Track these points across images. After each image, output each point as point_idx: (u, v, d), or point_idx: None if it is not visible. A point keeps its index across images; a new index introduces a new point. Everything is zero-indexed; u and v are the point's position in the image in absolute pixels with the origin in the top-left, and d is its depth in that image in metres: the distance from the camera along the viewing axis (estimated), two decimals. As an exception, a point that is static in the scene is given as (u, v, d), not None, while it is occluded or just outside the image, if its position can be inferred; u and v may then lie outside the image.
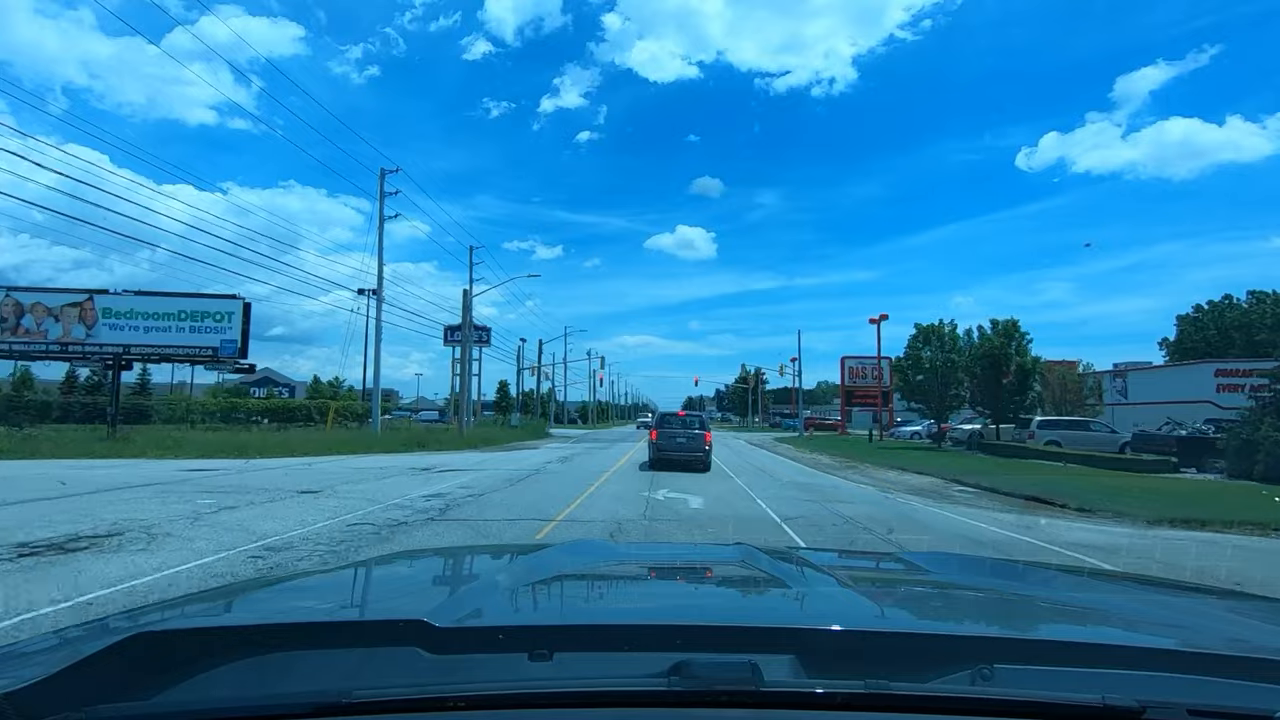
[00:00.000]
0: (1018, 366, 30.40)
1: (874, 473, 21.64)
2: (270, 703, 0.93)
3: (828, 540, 9.22)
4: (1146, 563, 8.09)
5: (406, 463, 20.87)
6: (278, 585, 1.97)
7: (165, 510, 9.74)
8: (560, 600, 1.68)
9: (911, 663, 1.03)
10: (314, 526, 8.93)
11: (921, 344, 34.32)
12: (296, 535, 8.29)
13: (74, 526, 8.25)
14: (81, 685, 0.93)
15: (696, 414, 23.52)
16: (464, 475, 17.09)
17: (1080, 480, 17.72)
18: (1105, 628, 1.46)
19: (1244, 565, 7.81)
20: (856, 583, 1.79)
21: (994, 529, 10.60)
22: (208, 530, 8.36)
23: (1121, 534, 10.34)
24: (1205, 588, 2.20)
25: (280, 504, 10.87)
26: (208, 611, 1.54)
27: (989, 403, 31.51)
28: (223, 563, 6.71)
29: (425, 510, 10.78)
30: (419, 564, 2.34)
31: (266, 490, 12.50)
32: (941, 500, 14.59)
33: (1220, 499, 14.50)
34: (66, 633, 1.30)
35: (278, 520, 9.27)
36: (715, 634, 1.15)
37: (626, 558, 2.39)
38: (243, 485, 13.21)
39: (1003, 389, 30.85)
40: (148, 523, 8.67)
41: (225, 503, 10.68)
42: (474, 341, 56.59)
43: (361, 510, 10.48)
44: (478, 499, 12.38)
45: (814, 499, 14.01)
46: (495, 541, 8.50)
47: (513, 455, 26.39)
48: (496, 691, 0.96)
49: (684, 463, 19.29)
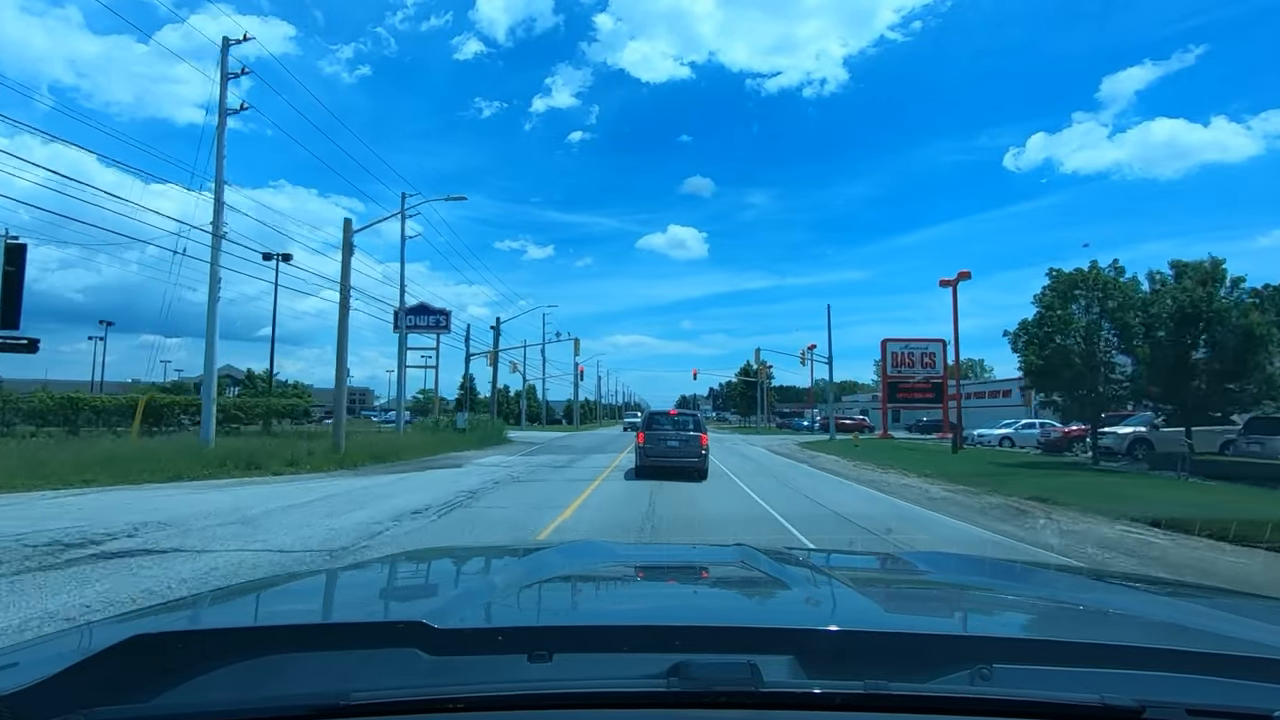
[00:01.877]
0: (1237, 330, 18.53)
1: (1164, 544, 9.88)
2: (268, 705, 0.93)
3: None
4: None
5: (98, 518, 9.02)
6: (276, 587, 1.96)
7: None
8: (559, 601, 1.67)
9: (911, 663, 1.03)
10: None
11: (1058, 303, 21.38)
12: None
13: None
14: (80, 687, 0.92)
15: (690, 413, 20.01)
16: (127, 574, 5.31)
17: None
18: (1104, 627, 1.47)
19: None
20: (855, 583, 1.78)
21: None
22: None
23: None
24: (1205, 587, 2.17)
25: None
26: (206, 614, 1.56)
27: (1172, 388, 19.72)
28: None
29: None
30: (418, 565, 2.32)
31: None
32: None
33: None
34: (65, 635, 1.36)
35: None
36: (714, 635, 1.15)
37: (625, 559, 2.33)
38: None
39: (1197, 368, 19.21)
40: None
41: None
42: (428, 327, 46.10)
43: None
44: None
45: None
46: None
47: (387, 487, 14.56)
48: (496, 693, 0.96)
49: (676, 469, 16.83)
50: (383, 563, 2.60)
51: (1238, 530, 9.26)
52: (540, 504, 12.27)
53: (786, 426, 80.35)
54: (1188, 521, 9.94)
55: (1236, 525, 9.36)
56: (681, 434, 17.50)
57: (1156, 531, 9.94)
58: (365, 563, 2.51)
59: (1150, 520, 10.45)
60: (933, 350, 44.93)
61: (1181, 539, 9.44)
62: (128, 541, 7.86)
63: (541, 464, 22.00)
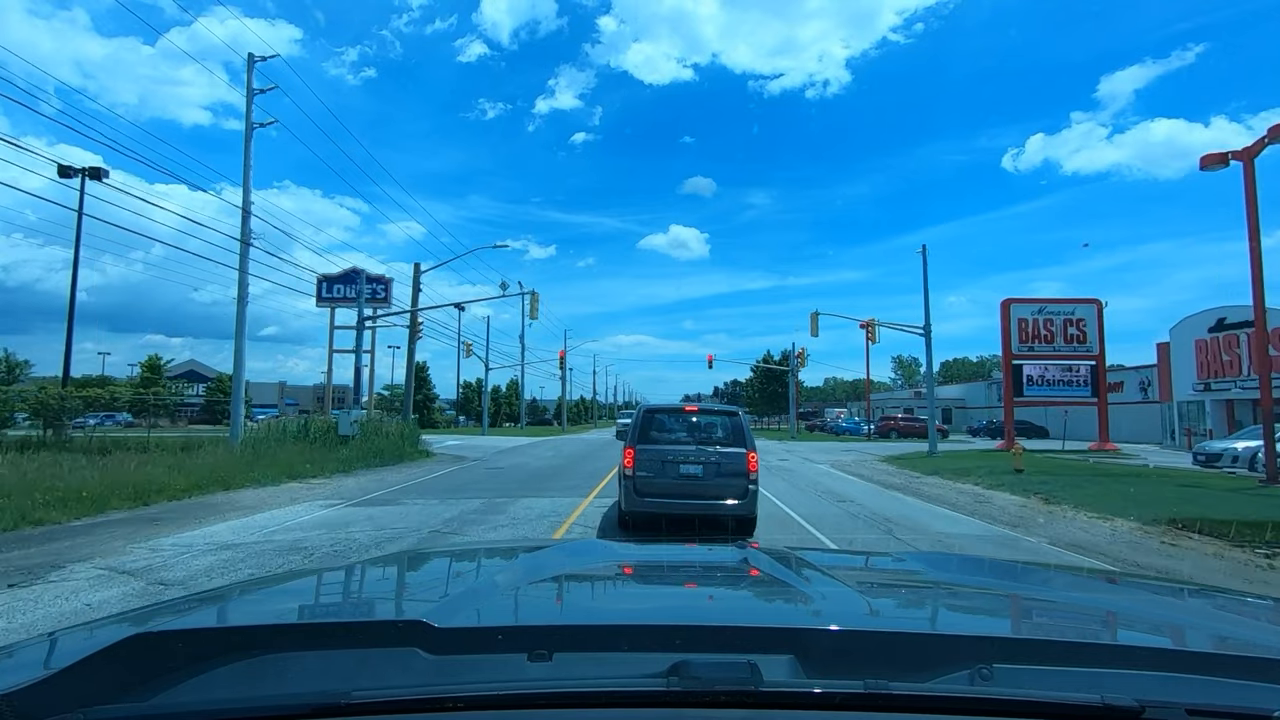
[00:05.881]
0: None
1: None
2: (269, 703, 0.92)
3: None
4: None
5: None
6: (277, 586, 1.94)
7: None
8: (559, 601, 1.64)
9: (911, 663, 1.01)
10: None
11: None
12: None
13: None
14: (80, 686, 0.92)
15: (722, 410, 10.32)
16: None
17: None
18: (1104, 627, 1.46)
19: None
20: (856, 583, 1.76)
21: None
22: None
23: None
24: (1205, 587, 2.03)
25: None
26: (206, 612, 1.50)
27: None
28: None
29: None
30: (418, 564, 2.27)
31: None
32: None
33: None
34: (65, 634, 1.28)
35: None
36: (714, 634, 1.13)
37: (626, 558, 2.26)
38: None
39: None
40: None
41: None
42: (370, 299, 32.81)
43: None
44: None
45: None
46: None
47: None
48: (496, 692, 0.95)
49: (699, 519, 8.67)
50: (383, 562, 2.59)
51: None
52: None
53: (816, 428, 65.74)
54: None
55: None
56: (708, 450, 9.00)
57: None
58: (365, 562, 2.40)
59: None
60: (1081, 315, 29.35)
61: None
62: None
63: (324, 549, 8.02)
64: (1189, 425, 35.52)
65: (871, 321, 33.22)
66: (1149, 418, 42.05)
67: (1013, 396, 29.81)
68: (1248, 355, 30.09)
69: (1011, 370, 30.23)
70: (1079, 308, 29.71)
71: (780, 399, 68.55)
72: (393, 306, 33.97)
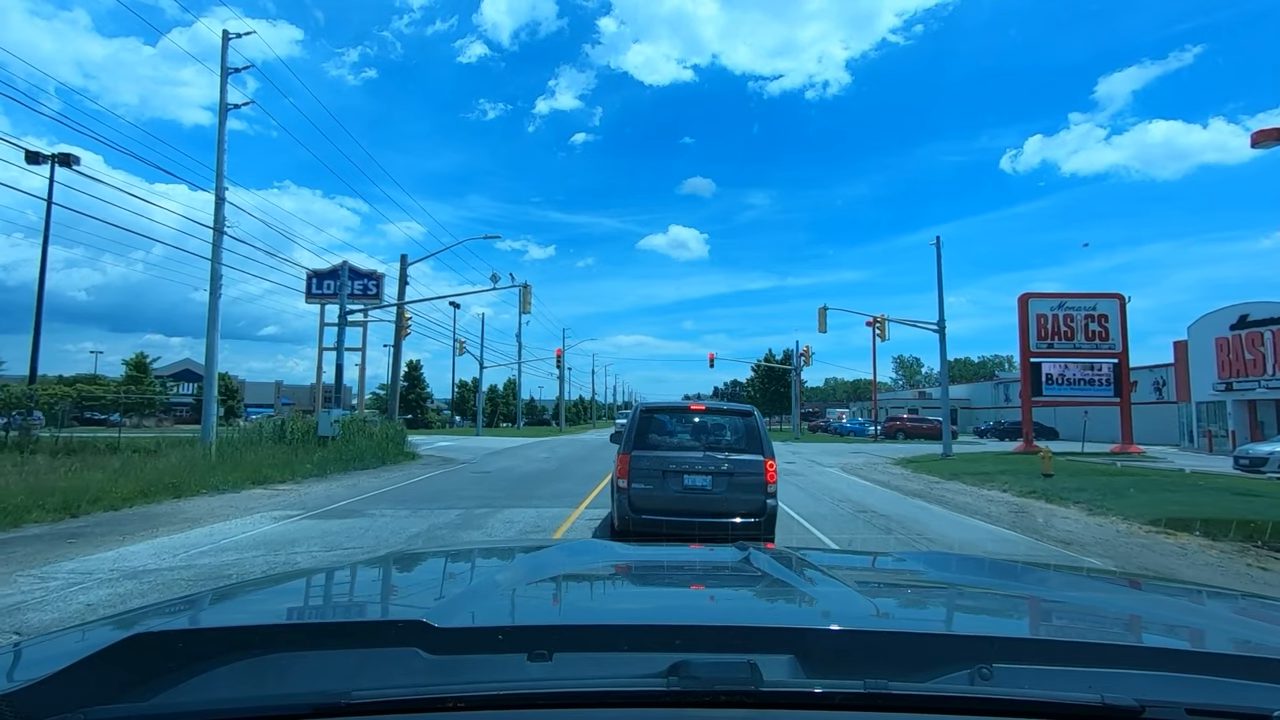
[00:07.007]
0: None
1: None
2: (269, 703, 0.92)
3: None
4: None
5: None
6: (277, 585, 1.92)
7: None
8: (560, 600, 1.62)
9: (911, 663, 1.01)
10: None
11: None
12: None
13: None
14: (79, 686, 0.91)
15: (733, 410, 8.62)
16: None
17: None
18: (1104, 627, 1.44)
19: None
20: (856, 583, 1.70)
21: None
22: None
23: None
24: (1204, 587, 2.03)
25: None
26: (206, 612, 1.51)
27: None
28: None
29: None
30: (418, 564, 2.30)
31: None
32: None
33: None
34: (65, 634, 1.28)
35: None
36: (714, 634, 1.13)
37: (626, 558, 2.24)
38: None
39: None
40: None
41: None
42: (354, 294, 32.53)
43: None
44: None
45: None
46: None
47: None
48: (496, 692, 0.95)
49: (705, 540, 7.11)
50: (383, 562, 2.51)
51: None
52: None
53: (819, 428, 64.31)
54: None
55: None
56: (717, 458, 7.60)
57: None
58: (365, 561, 2.30)
59: None
60: (1104, 311, 27.97)
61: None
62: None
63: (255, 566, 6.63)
64: (1208, 427, 34.07)
65: (880, 318, 31.68)
66: (1164, 419, 40.54)
67: (1031, 396, 28.29)
68: (1273, 353, 28.65)
69: (1030, 368, 28.68)
70: (1100, 303, 28.32)
71: (782, 399, 67.12)
72: (385, 303, 32.64)
